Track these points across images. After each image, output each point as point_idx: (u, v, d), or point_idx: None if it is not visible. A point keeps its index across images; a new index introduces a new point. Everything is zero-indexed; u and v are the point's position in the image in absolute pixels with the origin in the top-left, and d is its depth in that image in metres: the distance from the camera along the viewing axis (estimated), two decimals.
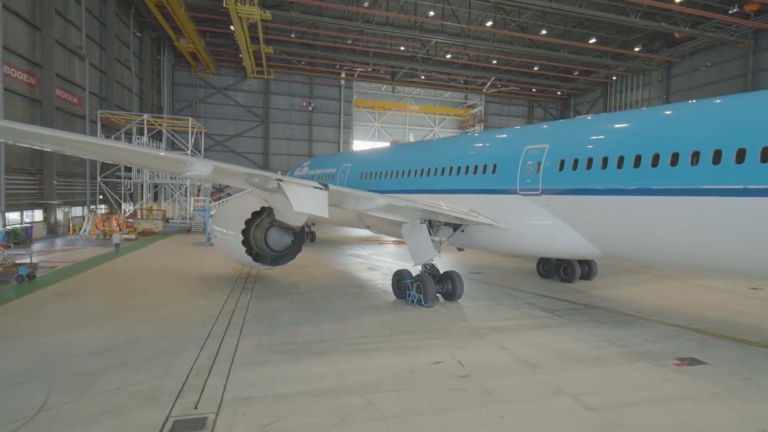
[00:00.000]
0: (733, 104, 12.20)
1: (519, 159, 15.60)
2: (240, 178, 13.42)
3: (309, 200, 13.05)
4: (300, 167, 34.31)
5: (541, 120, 77.36)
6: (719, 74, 47.79)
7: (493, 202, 16.38)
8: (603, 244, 13.91)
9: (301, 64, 68.07)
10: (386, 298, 17.52)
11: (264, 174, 13.20)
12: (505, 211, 15.97)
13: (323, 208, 13.23)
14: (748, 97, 12.49)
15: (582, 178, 13.54)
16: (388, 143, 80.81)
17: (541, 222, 14.89)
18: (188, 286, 19.28)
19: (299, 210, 13.09)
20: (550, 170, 14.52)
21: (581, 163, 13.61)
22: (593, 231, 13.86)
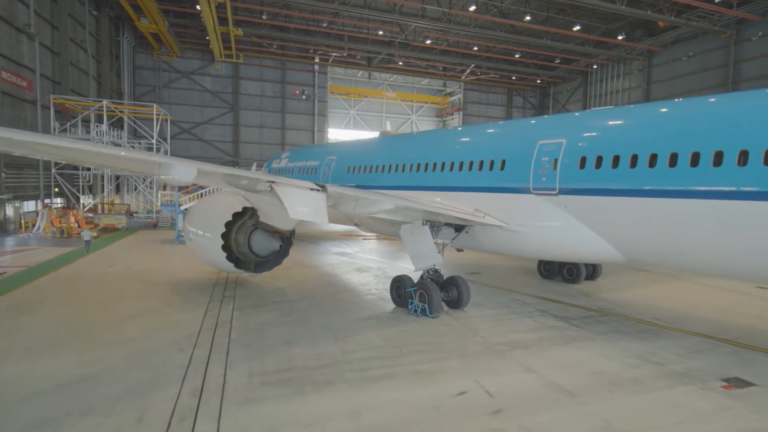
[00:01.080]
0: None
1: (532, 155, 14.35)
2: (227, 180, 11.71)
3: (306, 205, 11.45)
4: (278, 159, 32.33)
5: (521, 108, 77.03)
6: (701, 64, 48.06)
7: (502, 202, 15.13)
8: (627, 249, 12.87)
9: (273, 47, 65.15)
10: (384, 306, 16.13)
11: (254, 176, 11.50)
12: (517, 211, 14.75)
13: (321, 213, 11.67)
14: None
15: (607, 178, 12.40)
16: (366, 132, 79.23)
17: (558, 224, 13.74)
18: (160, 294, 17.35)
19: (296, 217, 11.48)
20: (568, 168, 13.33)
21: (606, 161, 12.45)
22: (618, 235, 12.80)
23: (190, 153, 63.97)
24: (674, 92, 51.18)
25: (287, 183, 11.72)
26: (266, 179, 11.26)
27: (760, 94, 11.25)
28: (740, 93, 12.19)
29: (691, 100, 12.53)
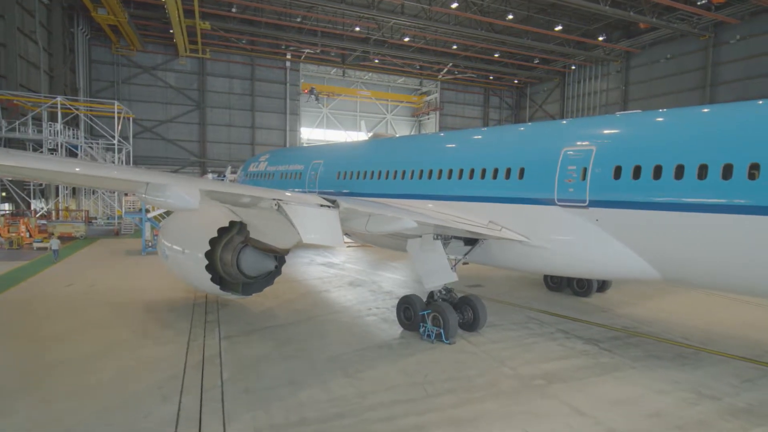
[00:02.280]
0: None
1: (556, 163, 13.15)
2: (232, 199, 10.10)
3: (319, 226, 9.81)
4: (255, 162, 30.26)
5: (497, 109, 76.84)
6: (679, 66, 48.72)
7: (522, 214, 13.87)
8: (667, 268, 11.83)
9: (242, 42, 62.38)
10: (391, 330, 14.63)
11: (259, 195, 9.77)
12: (539, 225, 13.52)
13: (337, 235, 10.08)
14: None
15: (648, 190, 11.29)
16: (340, 132, 77.28)
17: (588, 239, 12.57)
18: (132, 320, 15.25)
19: (309, 241, 9.82)
20: (601, 178, 12.18)
21: (646, 172, 11.35)
22: (657, 252, 11.74)
23: (153, 153, 60.61)
24: (652, 93, 51.80)
25: (296, 200, 10.04)
26: (271, 197, 9.55)
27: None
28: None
29: (748, 104, 11.53)
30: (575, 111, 63.20)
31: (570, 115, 64.14)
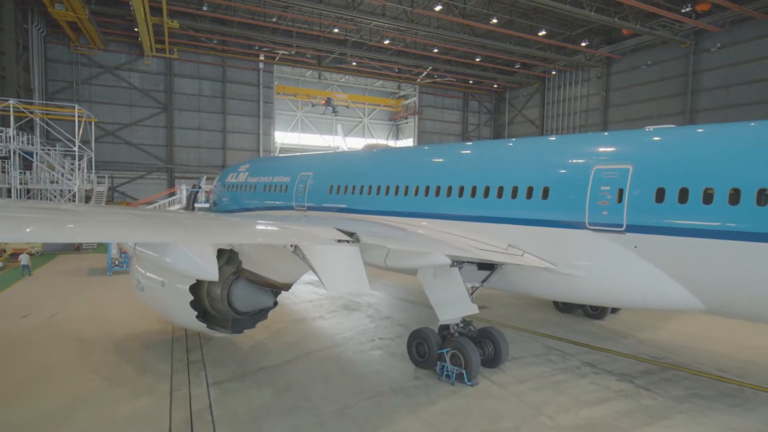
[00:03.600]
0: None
1: (586, 183, 12.06)
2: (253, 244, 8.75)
3: (342, 269, 8.33)
4: (233, 173, 28.30)
5: (476, 113, 76.50)
6: (660, 73, 49.22)
7: (547, 238, 12.72)
8: (712, 298, 10.88)
9: (213, 42, 59.85)
10: (402, 368, 13.19)
11: (277, 241, 8.20)
12: (568, 250, 12.40)
13: (360, 278, 8.65)
14: None
15: (697, 216, 10.30)
16: (315, 136, 75.21)
17: (625, 267, 11.51)
18: (101, 364, 13.29)
19: (334, 292, 8.35)
20: (640, 201, 11.14)
21: (695, 195, 10.35)
22: (703, 282, 10.77)
23: (117, 158, 57.33)
24: (633, 100, 52.26)
25: (307, 237, 8.51)
26: (288, 241, 7.98)
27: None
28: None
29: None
30: (555, 116, 63.38)
31: (550, 120, 64.31)
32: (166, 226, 7.38)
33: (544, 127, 65.42)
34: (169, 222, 7.83)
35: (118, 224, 7.51)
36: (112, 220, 7.38)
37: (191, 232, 6.94)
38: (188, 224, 7.51)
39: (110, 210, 10.83)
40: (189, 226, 7.31)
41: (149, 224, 7.39)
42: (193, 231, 6.88)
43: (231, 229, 7.61)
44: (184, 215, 9.77)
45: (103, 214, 8.54)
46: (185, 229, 7.21)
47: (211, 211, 29.79)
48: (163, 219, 8.08)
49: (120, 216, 8.06)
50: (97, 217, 7.78)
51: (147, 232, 6.94)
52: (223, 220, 8.78)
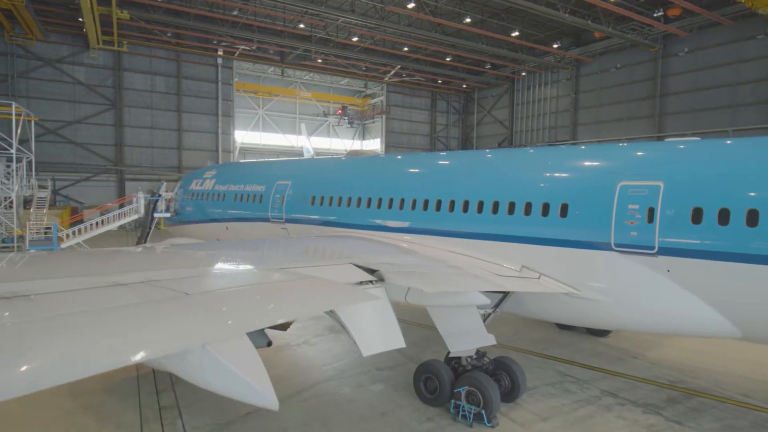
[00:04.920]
0: None
1: (611, 200, 11.27)
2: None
3: (377, 324, 7.05)
4: (198, 179, 26.21)
5: (444, 113, 76.30)
6: (629, 76, 50.33)
7: (567, 260, 11.87)
8: (752, 326, 10.33)
9: (167, 35, 56.55)
10: (409, 406, 11.97)
11: (308, 308, 6.71)
12: (591, 273, 11.60)
13: (392, 329, 7.45)
14: None
15: (739, 239, 9.67)
16: (277, 135, 72.60)
17: (656, 292, 10.80)
18: (52, 414, 11.36)
19: (369, 353, 7.04)
20: (674, 221, 10.42)
21: (737, 217, 9.71)
22: (744, 309, 10.18)
23: (59, 158, 53.18)
24: (603, 102, 53.27)
25: (347, 292, 7.12)
26: (324, 307, 6.40)
27: None
28: None
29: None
30: (525, 117, 63.98)
31: (520, 121, 64.86)
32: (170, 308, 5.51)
33: (513, 128, 65.96)
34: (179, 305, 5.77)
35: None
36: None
37: (219, 320, 5.32)
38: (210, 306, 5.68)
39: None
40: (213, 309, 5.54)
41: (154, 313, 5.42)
42: (219, 317, 5.34)
43: (262, 311, 5.97)
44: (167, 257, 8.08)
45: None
46: (208, 314, 5.38)
47: (173, 221, 27.59)
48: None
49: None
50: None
51: (162, 335, 4.92)
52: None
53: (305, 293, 6.37)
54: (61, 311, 5.05)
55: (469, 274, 11.03)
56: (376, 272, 8.70)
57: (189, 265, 8.16)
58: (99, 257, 9.04)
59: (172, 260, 8.36)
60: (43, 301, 5.25)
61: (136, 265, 7.61)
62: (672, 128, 46.34)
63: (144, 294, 5.55)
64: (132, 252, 10.51)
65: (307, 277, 6.97)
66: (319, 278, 7.13)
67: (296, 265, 7.72)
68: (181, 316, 5.14)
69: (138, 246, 14.44)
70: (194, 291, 5.58)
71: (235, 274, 6.80)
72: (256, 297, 5.89)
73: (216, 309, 5.38)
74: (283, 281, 6.62)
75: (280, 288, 6.38)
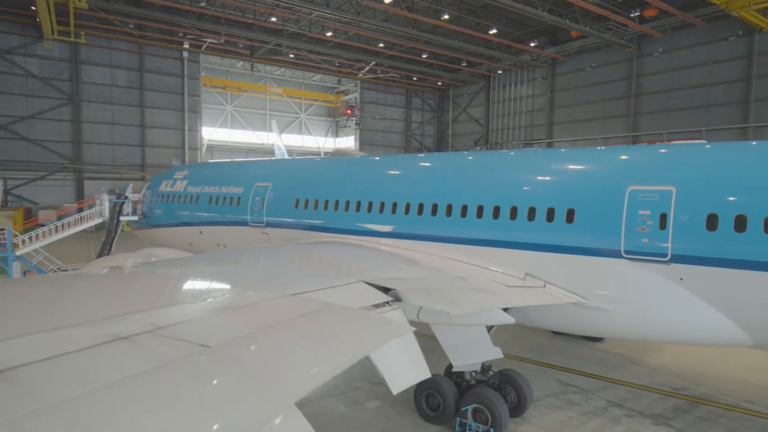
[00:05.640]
0: None
1: (620, 205, 10.94)
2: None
3: (403, 357, 6.41)
4: (169, 179, 24.87)
5: (419, 110, 76.01)
6: (604, 76, 51.17)
7: (574, 268, 11.50)
8: (765, 334, 10.21)
9: (128, 26, 54.13)
10: (410, 425, 11.38)
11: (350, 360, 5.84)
12: (600, 282, 11.25)
13: (421, 363, 6.88)
14: None
15: (757, 247, 9.49)
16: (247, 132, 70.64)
17: (668, 301, 10.54)
18: None
19: (399, 389, 6.38)
20: (688, 228, 10.17)
21: (755, 224, 9.53)
22: (757, 317, 10.03)
23: (10, 156, 50.27)
24: (578, 101, 54.03)
25: (370, 326, 6.40)
26: (358, 353, 5.48)
27: None
28: None
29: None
30: (501, 115, 64.38)
31: (496, 119, 65.22)
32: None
33: (489, 126, 66.29)
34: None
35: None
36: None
37: (265, 393, 4.43)
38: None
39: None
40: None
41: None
42: (263, 388, 4.45)
43: (302, 370, 4.98)
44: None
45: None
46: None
47: (140, 224, 26.17)
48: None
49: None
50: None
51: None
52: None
53: (335, 335, 5.55)
54: (55, 398, 3.60)
55: (488, 290, 10.51)
56: (391, 291, 8.07)
57: (188, 295, 7.06)
58: (76, 288, 7.33)
59: (167, 289, 7.34)
60: (24, 381, 3.80)
61: (128, 301, 6.54)
62: (646, 128, 47.39)
63: (156, 353, 4.42)
64: (115, 278, 8.92)
65: (326, 306, 6.22)
66: (340, 308, 6.41)
67: (305, 288, 6.99)
68: (220, 391, 4.11)
69: (114, 259, 13.22)
70: (213, 341, 4.68)
71: (248, 306, 5.93)
72: (286, 347, 5.06)
73: (253, 373, 4.52)
74: (304, 316, 5.83)
75: (306, 329, 5.58)
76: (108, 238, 24.91)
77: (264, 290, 6.58)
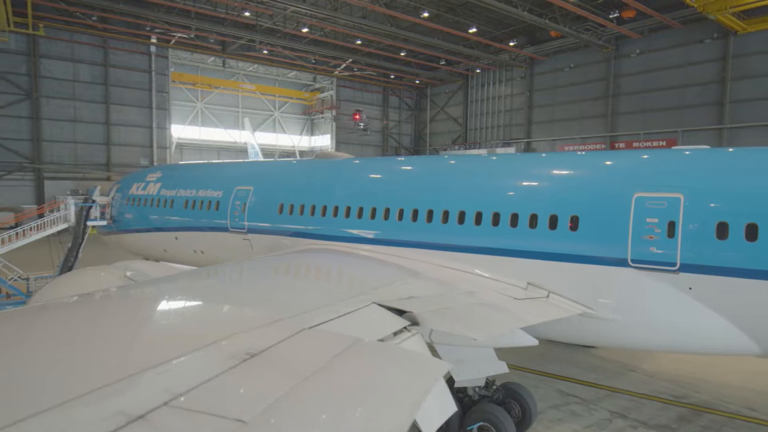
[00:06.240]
0: None
1: (626, 213, 10.74)
2: None
3: (433, 397, 5.90)
4: (140, 182, 23.70)
5: (397, 109, 75.63)
6: (582, 76, 51.85)
7: (579, 277, 11.26)
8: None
9: (91, 19, 51.91)
10: None
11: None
12: (606, 291, 11.05)
13: (448, 399, 6.41)
14: None
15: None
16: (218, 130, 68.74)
17: (676, 311, 10.39)
18: None
19: (432, 430, 5.84)
20: (697, 236, 10.03)
21: (767, 232, 9.44)
22: (767, 326, 10.00)
23: None
24: (556, 101, 54.64)
25: (406, 371, 5.78)
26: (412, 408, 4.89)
27: None
28: None
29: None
30: (479, 115, 64.62)
31: (474, 118, 65.43)
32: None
33: (467, 125, 66.46)
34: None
35: None
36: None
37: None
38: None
39: None
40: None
41: None
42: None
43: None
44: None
45: None
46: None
47: (109, 230, 24.92)
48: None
49: None
50: None
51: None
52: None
53: (379, 388, 4.92)
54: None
55: (504, 308, 10.10)
56: (406, 313, 7.58)
57: (193, 338, 5.76)
58: (51, 332, 5.86)
59: (165, 328, 6.34)
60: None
61: (124, 351, 5.43)
62: (624, 128, 48.28)
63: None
64: (97, 312, 7.21)
65: (353, 343, 5.58)
66: (370, 345, 5.81)
67: (319, 317, 6.33)
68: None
69: (84, 276, 12.07)
70: (247, 411, 3.88)
71: (268, 351, 5.16)
72: (331, 412, 4.40)
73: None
74: (335, 361, 5.13)
75: (344, 382, 4.92)
76: (74, 244, 23.61)
77: (277, 322, 5.96)
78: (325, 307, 6.95)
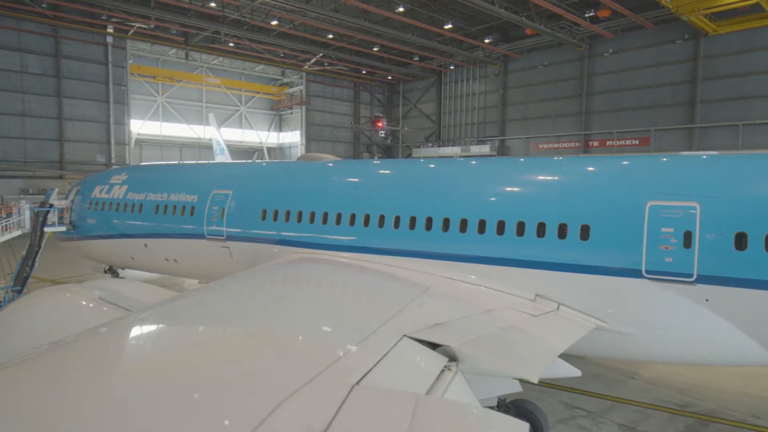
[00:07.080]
0: None
1: (641, 222, 10.47)
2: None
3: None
4: (104, 184, 22.14)
5: (368, 105, 74.80)
6: (556, 74, 52.45)
7: (590, 288, 10.94)
8: None
9: (41, 6, 49.03)
10: None
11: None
12: (620, 303, 10.79)
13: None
14: None
15: None
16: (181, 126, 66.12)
17: (693, 323, 10.21)
18: None
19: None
20: (715, 247, 9.84)
21: None
22: None
23: None
24: (531, 99, 55.14)
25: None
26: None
27: None
28: None
29: None
30: (453, 112, 64.67)
31: (447, 115, 65.43)
32: None
33: (441, 122, 66.40)
34: None
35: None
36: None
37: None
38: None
39: None
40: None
41: None
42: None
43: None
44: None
45: None
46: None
47: (69, 235, 23.27)
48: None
49: None
50: None
51: None
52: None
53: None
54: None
55: (536, 334, 9.56)
56: (441, 347, 6.97)
57: (229, 412, 4.59)
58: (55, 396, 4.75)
59: (179, 395, 4.98)
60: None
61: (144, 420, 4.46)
62: (597, 126, 49.15)
63: None
64: (79, 376, 5.52)
65: (415, 401, 4.89)
66: (435, 408, 5.14)
67: (357, 366, 5.46)
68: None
69: (49, 300, 10.67)
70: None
71: (332, 428, 4.26)
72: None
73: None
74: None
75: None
76: (30, 252, 21.87)
77: (318, 376, 5.05)
78: (358, 345, 6.24)
